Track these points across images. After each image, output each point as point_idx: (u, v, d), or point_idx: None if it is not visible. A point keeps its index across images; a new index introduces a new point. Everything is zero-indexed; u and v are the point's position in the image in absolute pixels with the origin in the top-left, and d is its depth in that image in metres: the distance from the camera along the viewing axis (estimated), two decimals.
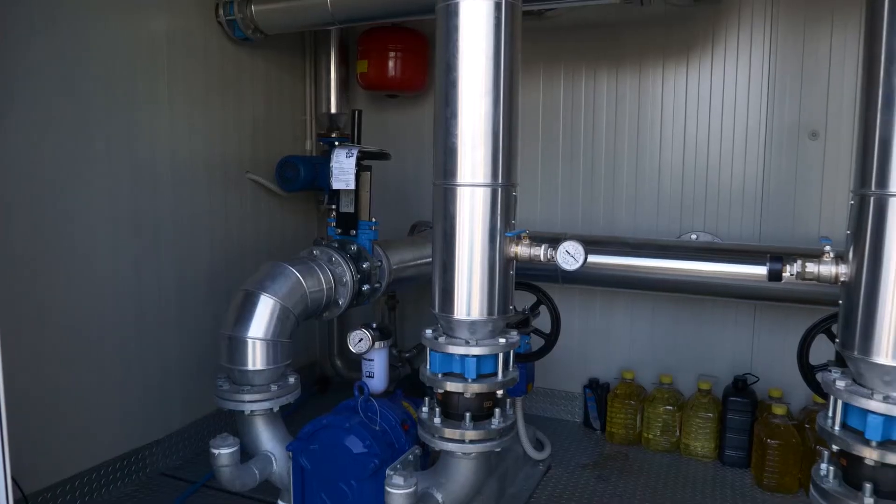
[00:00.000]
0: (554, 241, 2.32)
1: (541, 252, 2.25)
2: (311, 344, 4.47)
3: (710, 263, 3.14)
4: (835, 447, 1.93)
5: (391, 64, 3.97)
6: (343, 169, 2.96)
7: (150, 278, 3.24)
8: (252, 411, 2.62)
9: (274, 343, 2.63)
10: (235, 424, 2.73)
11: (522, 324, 2.86)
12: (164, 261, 3.31)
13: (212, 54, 3.57)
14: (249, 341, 2.60)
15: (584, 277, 3.39)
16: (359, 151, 2.99)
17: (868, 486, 1.83)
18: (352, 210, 3.06)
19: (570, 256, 2.23)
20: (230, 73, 3.71)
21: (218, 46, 3.62)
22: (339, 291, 2.90)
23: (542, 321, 3.05)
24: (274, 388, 2.63)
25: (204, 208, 3.55)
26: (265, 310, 2.63)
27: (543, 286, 3.13)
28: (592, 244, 3.25)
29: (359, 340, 2.60)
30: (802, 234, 3.42)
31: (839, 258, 1.96)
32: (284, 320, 2.66)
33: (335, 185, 3.00)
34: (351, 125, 3.32)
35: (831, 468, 1.97)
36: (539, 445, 3.47)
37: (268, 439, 2.68)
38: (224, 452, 2.43)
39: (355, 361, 2.80)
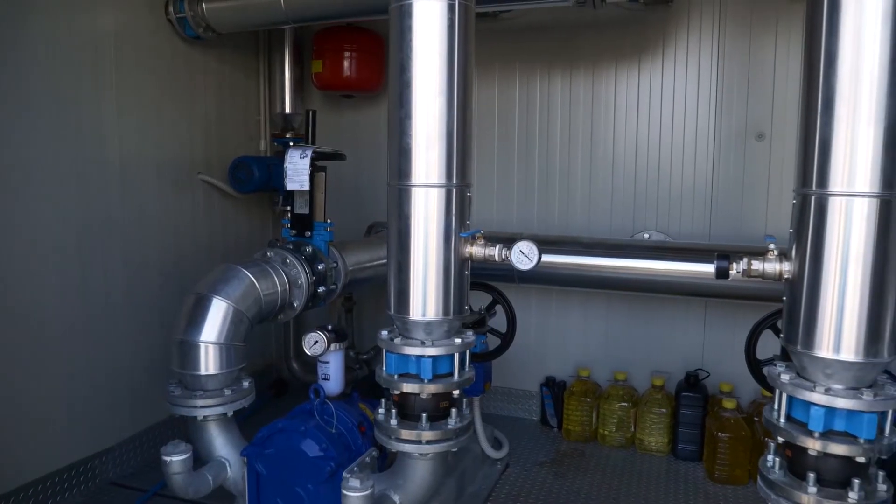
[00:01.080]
0: (509, 242, 2.34)
1: (495, 252, 2.26)
2: (266, 347, 4.41)
3: (661, 262, 3.20)
4: (780, 439, 1.98)
5: (346, 64, 3.95)
6: (297, 170, 2.93)
7: (97, 280, 3.15)
8: (205, 417, 2.57)
9: (227, 347, 2.58)
10: (188, 431, 2.67)
11: (478, 324, 2.88)
12: (111, 262, 3.23)
13: (161, 53, 3.50)
14: (202, 345, 2.55)
15: (540, 277, 3.43)
16: (313, 152, 2.97)
17: (811, 475, 1.89)
18: (306, 211, 3.03)
19: (524, 256, 2.25)
20: (181, 72, 3.63)
21: (168, 45, 3.54)
22: (294, 293, 2.87)
23: (499, 321, 3.07)
24: (228, 392, 2.59)
25: (154, 209, 3.47)
26: (218, 313, 2.59)
27: (500, 286, 3.15)
28: (547, 244, 3.30)
29: (314, 343, 2.58)
30: (750, 233, 3.52)
31: (783, 256, 2.02)
32: (238, 324, 2.62)
33: (289, 186, 2.96)
34: (305, 125, 3.28)
35: (777, 459, 2.02)
36: (497, 444, 3.49)
37: (222, 445, 2.63)
38: (176, 459, 2.38)
39: (312, 364, 2.78)
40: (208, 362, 2.55)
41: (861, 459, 1.86)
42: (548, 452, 3.62)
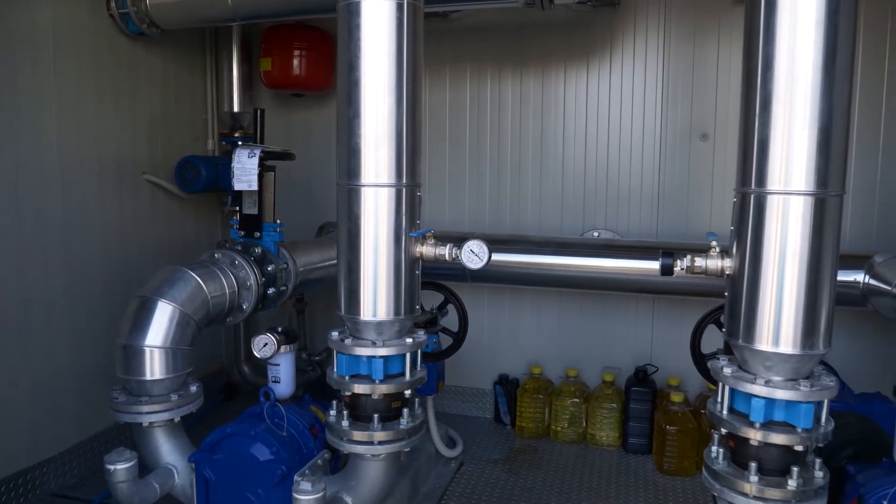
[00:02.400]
0: (460, 241, 2.34)
1: (446, 251, 2.27)
2: (216, 350, 4.32)
3: (610, 260, 3.26)
4: (723, 430, 2.04)
5: (296, 62, 3.90)
6: (245, 169, 2.88)
7: (36, 284, 3.03)
8: (151, 423, 2.50)
9: (173, 351, 2.52)
10: (134, 438, 2.60)
11: (430, 323, 2.88)
12: (51, 265, 3.11)
13: (103, 48, 3.39)
14: (147, 350, 2.48)
15: (492, 276, 3.45)
16: (262, 151, 2.92)
17: (753, 464, 1.95)
18: (255, 212, 2.98)
19: (474, 255, 2.26)
20: (124, 69, 3.53)
21: (110, 40, 3.44)
22: (243, 295, 2.82)
23: (451, 320, 3.08)
24: (174, 397, 2.53)
25: (96, 210, 3.36)
26: (163, 316, 2.52)
27: (452, 285, 3.16)
28: (499, 243, 3.33)
29: (263, 345, 2.54)
30: (696, 231, 3.62)
31: (724, 252, 2.08)
32: (184, 327, 2.56)
33: (237, 186, 2.91)
34: (254, 125, 3.23)
35: (721, 450, 2.08)
36: (451, 443, 3.50)
37: (169, 451, 2.56)
38: (120, 468, 2.31)
39: (264, 367, 2.74)
40: (154, 367, 2.49)
41: (799, 448, 1.92)
42: (501, 450, 3.65)
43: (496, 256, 3.17)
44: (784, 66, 1.86)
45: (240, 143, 3.26)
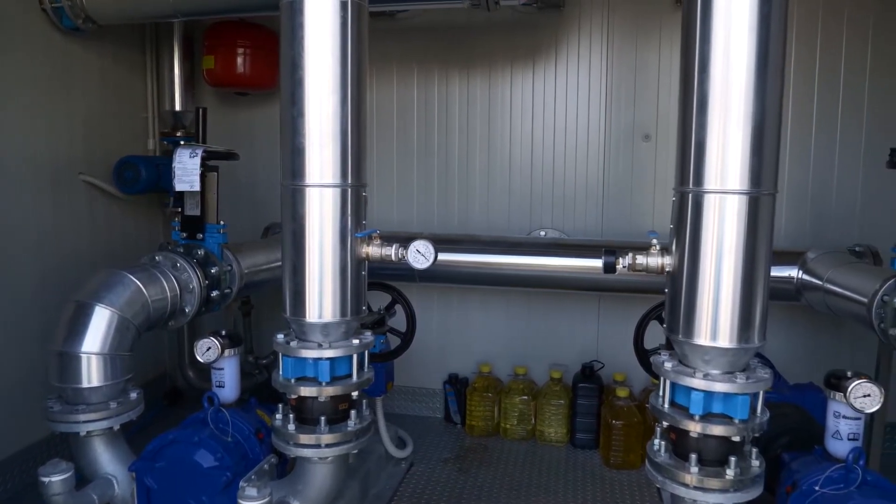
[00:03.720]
0: (406, 241, 2.34)
1: (392, 252, 2.27)
2: (159, 355, 4.21)
3: (556, 258, 3.31)
4: (665, 423, 2.09)
5: (240, 60, 3.83)
6: (186, 169, 2.81)
7: None
8: (89, 432, 2.42)
9: (112, 357, 2.44)
10: (71, 448, 2.51)
11: (378, 324, 2.87)
12: None
13: (35, 44, 3.25)
14: (83, 357, 2.40)
15: (441, 275, 3.46)
16: (204, 151, 2.85)
17: (693, 456, 2.00)
18: (198, 213, 2.91)
19: (420, 255, 2.26)
20: (58, 66, 3.39)
21: (43, 36, 3.30)
22: (186, 299, 2.75)
23: (399, 320, 3.07)
24: (113, 405, 2.45)
25: (28, 211, 3.22)
26: (101, 322, 2.44)
27: (401, 286, 3.15)
28: (447, 242, 3.33)
29: (207, 349, 2.48)
30: (639, 229, 3.69)
31: (664, 250, 2.13)
32: (123, 332, 2.48)
33: (178, 187, 2.84)
34: (196, 124, 3.15)
35: (663, 443, 2.14)
36: (401, 444, 3.50)
37: (108, 461, 2.49)
38: (55, 480, 2.22)
39: (209, 371, 2.68)
40: (91, 374, 2.41)
41: (736, 438, 1.99)
42: (452, 449, 3.66)
43: (445, 256, 3.19)
44: (719, 69, 1.92)
45: (182, 142, 3.17)
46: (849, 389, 2.07)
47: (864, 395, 2.07)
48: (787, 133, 3.52)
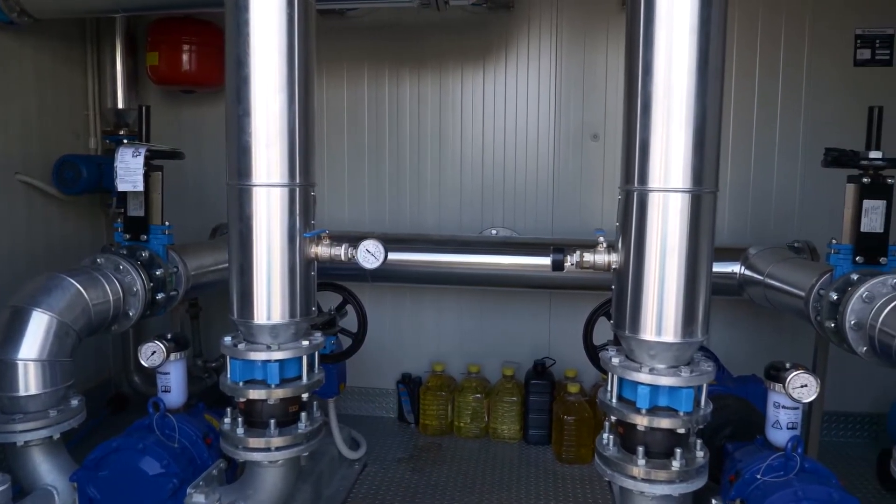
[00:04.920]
0: (357, 241, 2.32)
1: (341, 251, 2.25)
2: (103, 360, 4.08)
3: (507, 257, 3.34)
4: (613, 417, 2.13)
5: (185, 58, 3.74)
6: (129, 169, 2.73)
7: None
8: (26, 442, 2.33)
9: (51, 364, 2.36)
10: (8, 459, 2.41)
11: (328, 325, 2.84)
12: None
13: None
14: (20, 364, 2.31)
15: (393, 275, 3.46)
16: (147, 150, 2.78)
17: (641, 449, 2.04)
18: (141, 213, 2.84)
19: (370, 255, 2.25)
20: None
21: None
22: (129, 302, 2.68)
23: (351, 321, 3.05)
24: (53, 413, 2.36)
25: None
26: (39, 327, 2.36)
27: (353, 286, 3.13)
28: (399, 242, 3.33)
29: (151, 353, 2.42)
30: (589, 227, 3.70)
31: (611, 248, 2.17)
32: (63, 338, 2.40)
33: (121, 187, 2.75)
34: (139, 122, 3.07)
35: (611, 437, 2.17)
36: (354, 444, 3.48)
37: (48, 471, 2.40)
38: None
39: (155, 376, 2.63)
40: (28, 382, 2.32)
41: (682, 431, 2.04)
42: (406, 448, 3.65)
43: (397, 256, 3.19)
44: (662, 71, 1.97)
45: (124, 141, 3.09)
46: (787, 380, 2.14)
47: (802, 386, 2.14)
48: (730, 134, 3.63)
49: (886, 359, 2.15)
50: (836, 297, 2.35)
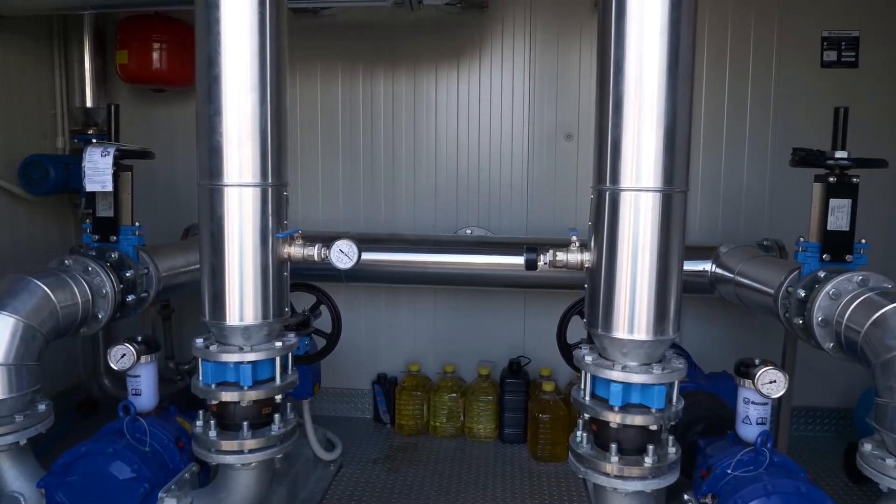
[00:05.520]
0: (330, 241, 2.31)
1: (314, 252, 2.24)
2: (72, 363, 4.01)
3: (482, 256, 3.35)
4: (586, 415, 2.14)
5: (155, 56, 3.70)
6: (98, 169, 2.68)
7: None
8: None
9: (17, 368, 2.30)
10: None
11: (302, 325, 2.82)
12: None
13: None
14: None
15: (368, 275, 3.45)
16: (116, 150, 2.73)
17: (614, 446, 2.06)
18: (111, 214, 2.79)
19: (343, 255, 2.24)
20: None
21: None
22: (99, 304, 2.63)
23: (325, 321, 3.03)
24: (19, 418, 2.31)
25: None
26: (4, 330, 2.29)
27: (328, 286, 3.11)
28: (373, 242, 3.32)
29: (121, 356, 2.38)
30: (563, 226, 3.70)
31: (584, 247, 2.18)
32: (29, 341, 2.34)
33: (89, 187, 2.70)
34: (108, 121, 3.02)
35: (585, 434, 2.19)
36: (329, 446, 3.46)
37: (14, 478, 2.34)
38: None
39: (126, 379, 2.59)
40: None
41: (654, 427, 2.06)
42: (381, 449, 3.65)
43: (371, 256, 3.19)
44: (633, 71, 1.98)
45: (93, 140, 3.03)
46: (756, 376, 2.17)
47: (771, 382, 2.18)
48: (701, 134, 3.68)
49: (852, 354, 2.19)
50: (803, 295, 2.40)
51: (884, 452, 1.94)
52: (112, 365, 2.41)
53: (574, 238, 2.19)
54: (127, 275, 2.74)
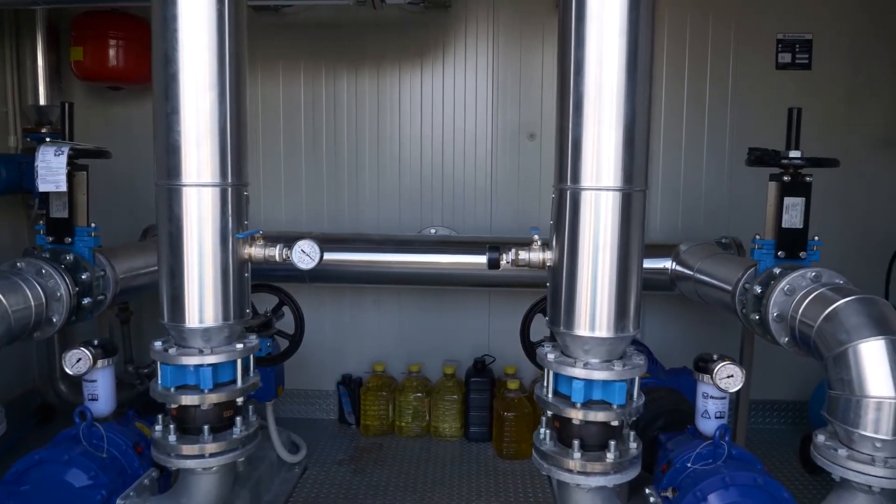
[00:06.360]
0: (292, 241, 2.29)
1: (276, 252, 2.21)
2: (27, 369, 3.90)
3: (446, 255, 3.35)
4: (549, 412, 2.16)
5: (112, 53, 3.61)
6: (51, 169, 2.61)
7: None
8: None
9: None
10: None
11: (264, 326, 2.79)
12: None
13: None
14: None
15: (332, 275, 3.43)
16: (70, 149, 2.66)
17: (576, 442, 2.08)
18: (65, 215, 2.71)
19: (305, 255, 2.22)
20: None
21: None
22: (53, 307, 2.56)
23: (288, 322, 3.00)
24: None
25: None
26: None
27: (293, 286, 3.08)
28: (337, 242, 3.30)
29: (77, 361, 2.32)
30: (527, 225, 3.71)
31: (545, 245, 2.20)
32: None
33: (42, 188, 2.62)
34: (62, 119, 2.94)
35: (548, 431, 2.21)
36: (294, 448, 3.42)
37: None
38: None
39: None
40: None
41: (615, 423, 2.09)
42: (347, 450, 3.63)
43: (334, 256, 3.17)
44: (593, 72, 2.00)
45: (47, 139, 2.95)
46: (714, 371, 2.22)
47: (728, 376, 2.23)
48: (661, 134, 3.74)
49: (806, 348, 2.25)
50: (759, 291, 2.45)
51: (836, 443, 1.99)
52: (67, 370, 2.35)
53: (536, 237, 2.21)
54: (83, 277, 2.67)
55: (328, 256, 2.42)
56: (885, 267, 3.70)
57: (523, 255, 2.19)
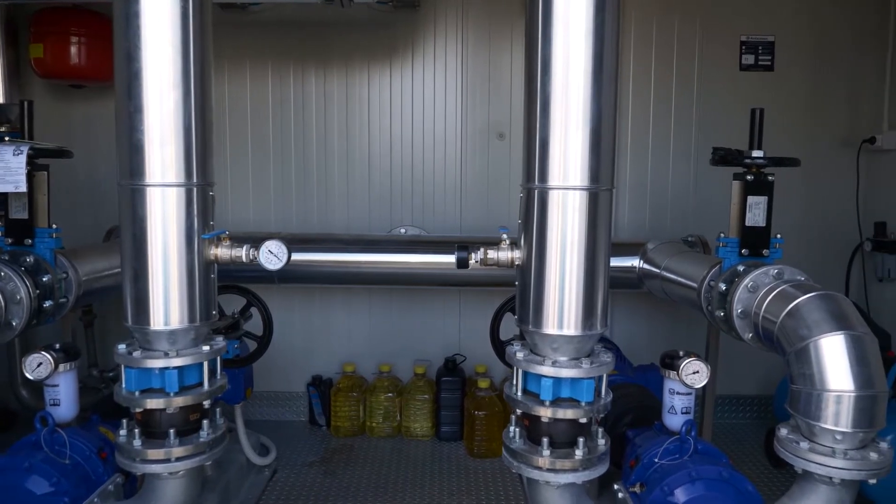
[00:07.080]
0: (260, 242, 2.26)
1: (242, 253, 2.19)
2: None
3: (416, 255, 3.35)
4: (519, 410, 2.18)
5: (73, 50, 3.53)
6: (10, 169, 2.54)
7: None
8: None
9: None
10: None
11: (231, 328, 2.76)
12: None
13: None
14: None
15: (301, 276, 3.40)
16: (30, 148, 2.60)
17: (545, 440, 2.10)
18: (25, 216, 2.65)
19: (273, 256, 2.20)
20: None
21: None
22: (12, 311, 2.49)
23: (256, 323, 2.97)
24: None
25: None
26: None
27: (261, 287, 3.05)
28: (306, 242, 3.28)
29: (37, 365, 2.27)
30: (497, 224, 3.72)
31: (514, 244, 2.21)
32: None
33: (0, 188, 2.57)
34: (21, 118, 2.87)
35: (517, 430, 2.22)
36: (264, 451, 3.39)
37: None
38: None
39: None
40: None
41: (584, 420, 2.11)
42: (317, 451, 3.60)
43: (303, 256, 3.15)
44: (560, 72, 2.02)
45: (6, 139, 2.88)
46: (680, 367, 2.26)
47: (694, 372, 2.27)
48: (628, 134, 3.78)
49: (769, 344, 2.30)
50: (724, 288, 2.49)
51: (798, 436, 2.04)
52: (27, 374, 2.30)
53: (505, 236, 2.22)
54: (44, 279, 2.61)
55: (297, 257, 2.40)
56: (845, 264, 3.80)
57: (492, 254, 2.20)
